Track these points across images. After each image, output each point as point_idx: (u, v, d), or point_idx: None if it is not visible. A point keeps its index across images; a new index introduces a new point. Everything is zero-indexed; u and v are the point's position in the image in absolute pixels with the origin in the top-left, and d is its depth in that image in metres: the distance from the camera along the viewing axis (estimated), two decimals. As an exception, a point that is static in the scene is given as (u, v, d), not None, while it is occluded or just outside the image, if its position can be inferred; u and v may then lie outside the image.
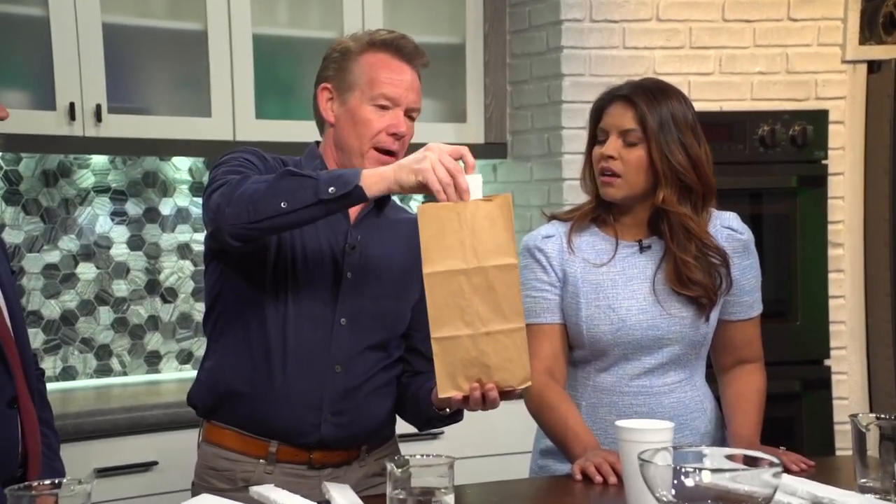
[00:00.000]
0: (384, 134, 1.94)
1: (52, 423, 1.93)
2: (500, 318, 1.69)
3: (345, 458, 1.99)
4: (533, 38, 3.49)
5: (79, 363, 3.20)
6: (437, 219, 1.67)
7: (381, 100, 1.93)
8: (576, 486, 1.86)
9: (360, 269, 1.97)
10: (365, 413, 1.99)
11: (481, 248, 1.67)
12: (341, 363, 1.95)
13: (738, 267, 2.10)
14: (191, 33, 3.12)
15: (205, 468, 2.00)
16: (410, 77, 1.97)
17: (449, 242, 1.67)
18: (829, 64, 3.44)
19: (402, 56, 1.96)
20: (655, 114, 2.01)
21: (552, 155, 3.43)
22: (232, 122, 3.15)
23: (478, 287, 1.68)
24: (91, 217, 3.23)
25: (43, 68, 2.87)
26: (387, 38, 1.97)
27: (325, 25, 3.28)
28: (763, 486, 1.34)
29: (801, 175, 3.42)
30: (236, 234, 1.74)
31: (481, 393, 1.72)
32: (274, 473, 1.94)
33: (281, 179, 1.73)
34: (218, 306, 1.99)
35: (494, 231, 1.68)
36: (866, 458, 1.68)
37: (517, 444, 2.80)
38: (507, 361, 1.71)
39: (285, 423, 1.94)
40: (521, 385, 1.74)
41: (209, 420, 2.02)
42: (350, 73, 1.96)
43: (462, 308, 1.68)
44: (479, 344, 1.69)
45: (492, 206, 1.68)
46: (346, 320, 1.95)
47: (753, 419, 2.10)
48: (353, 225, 1.98)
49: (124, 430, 2.69)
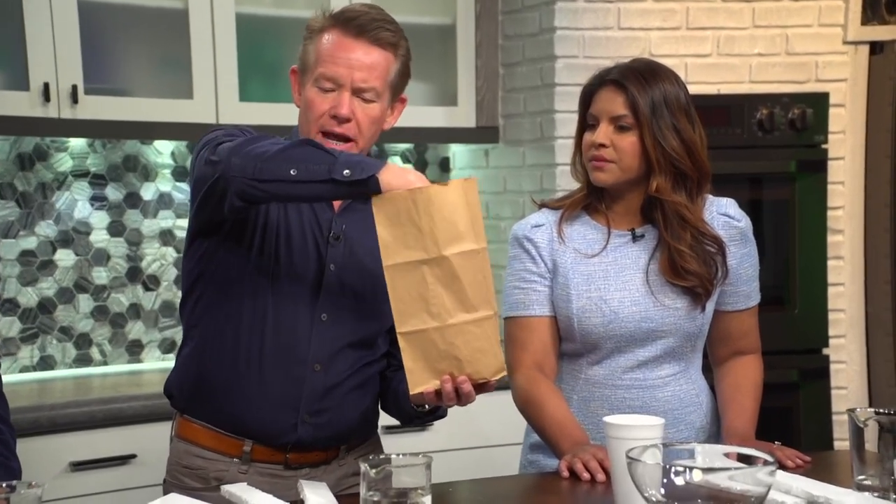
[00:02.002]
0: (327, 116, 1.84)
1: (7, 419, 1.86)
2: (466, 308, 1.65)
3: (322, 458, 1.94)
4: (525, 19, 3.45)
5: (57, 353, 3.15)
6: (394, 208, 1.61)
7: (322, 81, 1.84)
8: (563, 483, 1.82)
9: (344, 261, 1.90)
10: (344, 413, 1.92)
11: (441, 236, 1.61)
12: (321, 361, 1.88)
13: (736, 255, 2.06)
14: (171, 11, 3.06)
15: (177, 466, 1.95)
16: (361, 55, 1.84)
17: (407, 230, 1.61)
18: (830, 45, 3.41)
19: (350, 31, 1.85)
20: (647, 97, 1.96)
21: (545, 139, 3.39)
22: (215, 105, 3.09)
23: (441, 277, 1.63)
24: (69, 202, 3.16)
25: (15, 46, 2.80)
26: (343, 14, 1.87)
27: (311, 5, 3.16)
28: (756, 484, 1.31)
29: (801, 160, 3.40)
30: (240, 189, 1.67)
31: (454, 387, 1.67)
32: (249, 473, 1.89)
33: (298, 146, 1.67)
34: (197, 289, 1.92)
35: (455, 217, 1.62)
36: (864, 454, 1.66)
37: (505, 437, 2.82)
38: (478, 352, 1.67)
39: (260, 422, 1.88)
40: (495, 376, 1.70)
41: (183, 415, 1.96)
42: (308, 55, 1.88)
43: (426, 300, 1.63)
44: (447, 336, 1.65)
45: (448, 191, 1.62)
46: (327, 316, 1.88)
47: (749, 412, 2.06)
48: (338, 214, 1.91)
49: (102, 422, 2.64)
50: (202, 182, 1.76)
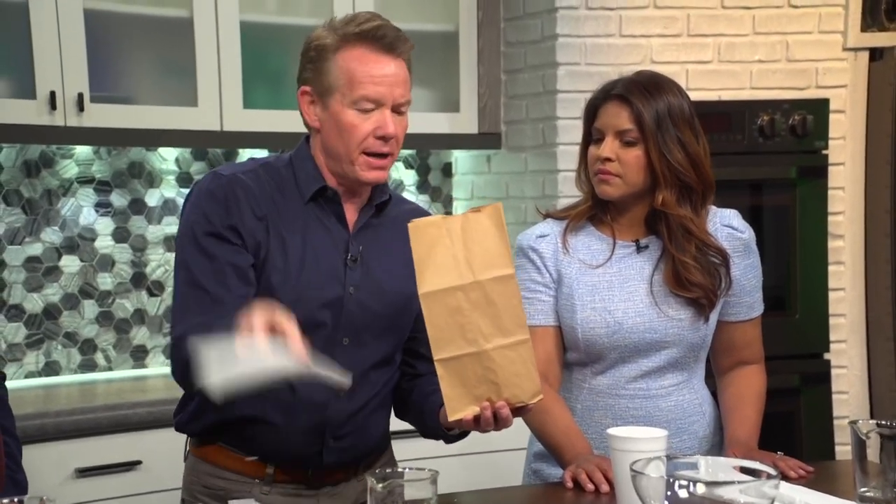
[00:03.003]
0: (371, 138, 1.80)
1: (13, 431, 1.88)
2: (502, 333, 1.65)
3: (343, 477, 1.93)
4: (527, 26, 3.47)
5: (62, 358, 3.17)
6: (427, 236, 1.62)
7: (364, 102, 1.78)
8: (566, 494, 1.84)
9: (363, 282, 1.86)
10: (366, 434, 1.92)
11: (475, 261, 1.63)
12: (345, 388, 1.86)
13: (739, 267, 2.07)
14: (176, 20, 3.08)
15: (197, 486, 1.91)
16: (394, 70, 1.80)
17: (442, 259, 1.62)
18: (830, 52, 3.43)
19: (381, 47, 1.79)
20: (652, 111, 1.98)
21: (547, 146, 3.41)
22: (219, 112, 3.11)
23: (476, 302, 1.63)
24: (75, 208, 3.19)
25: (22, 55, 2.83)
26: (364, 29, 1.79)
27: (315, 12, 3.24)
28: (760, 497, 1.32)
29: (801, 165, 3.41)
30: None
31: (493, 412, 1.66)
32: (270, 494, 1.87)
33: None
34: None
35: (487, 243, 1.64)
36: (866, 465, 1.66)
37: (510, 443, 2.78)
38: (515, 376, 1.67)
39: (285, 449, 1.86)
40: (533, 399, 1.69)
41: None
42: (328, 75, 1.80)
43: (462, 326, 1.63)
44: (484, 361, 1.64)
45: (481, 217, 1.64)
46: (349, 340, 1.85)
47: (751, 422, 2.08)
48: (353, 234, 1.87)
49: (107, 428, 2.66)
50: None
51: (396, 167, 3.67)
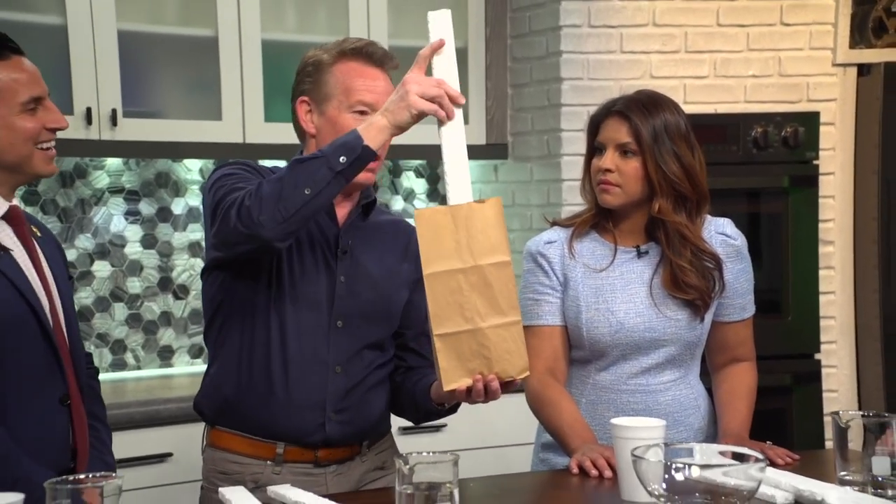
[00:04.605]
0: None
1: (104, 418, 2.02)
2: (497, 313, 1.77)
3: (348, 453, 2.06)
4: (533, 43, 3.53)
5: (95, 358, 3.23)
6: (434, 222, 1.75)
7: (360, 106, 1.97)
8: (572, 479, 1.92)
9: (353, 272, 2.03)
10: (365, 409, 2.05)
11: (476, 247, 1.75)
12: (341, 364, 2.01)
13: (732, 271, 2.16)
14: (202, 39, 3.18)
15: (213, 472, 2.05)
16: (384, 81, 2.01)
17: (446, 244, 1.75)
18: (821, 67, 3.49)
19: (373, 62, 2.01)
20: (649, 126, 2.07)
21: (552, 156, 3.47)
22: (242, 125, 3.20)
23: (475, 284, 1.76)
24: (106, 216, 3.29)
25: (61, 74, 2.93)
26: (356, 46, 2.01)
27: (332, 30, 3.32)
28: (748, 479, 1.42)
29: (793, 175, 3.47)
30: (278, 235, 1.78)
31: (483, 384, 1.80)
32: (282, 473, 2.00)
33: (293, 171, 1.78)
34: (219, 316, 2.04)
35: (488, 231, 1.77)
36: (846, 452, 1.77)
37: (518, 437, 2.90)
38: (506, 353, 1.79)
39: (291, 424, 1.99)
40: (521, 375, 1.82)
41: (214, 426, 2.07)
42: (325, 85, 2.00)
43: (461, 305, 1.75)
44: (479, 338, 1.77)
45: (484, 208, 1.77)
46: (342, 322, 2.01)
47: (743, 415, 2.15)
48: (343, 230, 2.05)
49: (140, 422, 2.76)
50: (232, 244, 1.85)
51: (407, 176, 3.76)
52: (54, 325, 1.86)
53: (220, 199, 1.86)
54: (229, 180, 1.91)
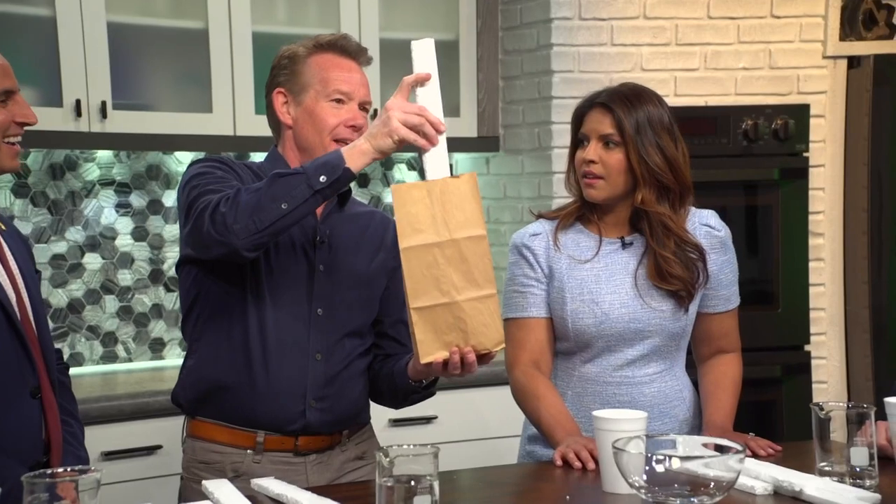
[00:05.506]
0: (342, 126, 2.02)
1: (76, 414, 2.02)
2: (473, 286, 1.80)
3: (328, 442, 2.08)
4: (524, 36, 3.54)
5: (85, 350, 3.28)
6: (410, 196, 1.78)
7: (337, 95, 2.02)
8: (556, 471, 1.93)
9: (331, 261, 2.06)
10: (345, 397, 2.07)
11: (452, 221, 1.78)
12: (321, 351, 2.04)
13: (716, 262, 2.17)
14: (192, 32, 3.18)
15: (193, 462, 2.06)
16: (359, 72, 2.07)
17: (422, 218, 1.77)
18: (811, 60, 3.50)
19: (347, 54, 2.06)
20: (632, 118, 2.09)
21: (542, 149, 3.49)
22: (232, 118, 3.21)
23: (451, 258, 1.79)
24: (97, 209, 3.30)
25: (50, 66, 2.94)
26: (331, 40, 2.07)
27: (323, 23, 3.33)
28: (727, 470, 1.45)
29: (784, 167, 3.48)
30: (248, 246, 1.81)
31: (460, 356, 1.82)
32: (262, 462, 2.01)
33: (273, 184, 1.81)
34: (196, 308, 2.06)
35: (463, 205, 1.79)
36: (826, 443, 1.81)
37: (505, 429, 2.87)
38: (482, 326, 1.82)
39: (271, 413, 2.01)
40: (496, 347, 1.85)
41: (194, 417, 2.08)
42: (301, 76, 2.04)
43: (437, 278, 1.78)
44: (455, 311, 1.80)
45: (459, 183, 1.80)
46: (323, 310, 2.04)
47: (727, 406, 2.17)
48: (321, 221, 2.07)
49: (130, 415, 2.77)
50: (204, 247, 1.88)
51: (399, 168, 3.77)
52: (22, 318, 1.86)
53: (194, 200, 1.89)
54: (203, 180, 1.93)
